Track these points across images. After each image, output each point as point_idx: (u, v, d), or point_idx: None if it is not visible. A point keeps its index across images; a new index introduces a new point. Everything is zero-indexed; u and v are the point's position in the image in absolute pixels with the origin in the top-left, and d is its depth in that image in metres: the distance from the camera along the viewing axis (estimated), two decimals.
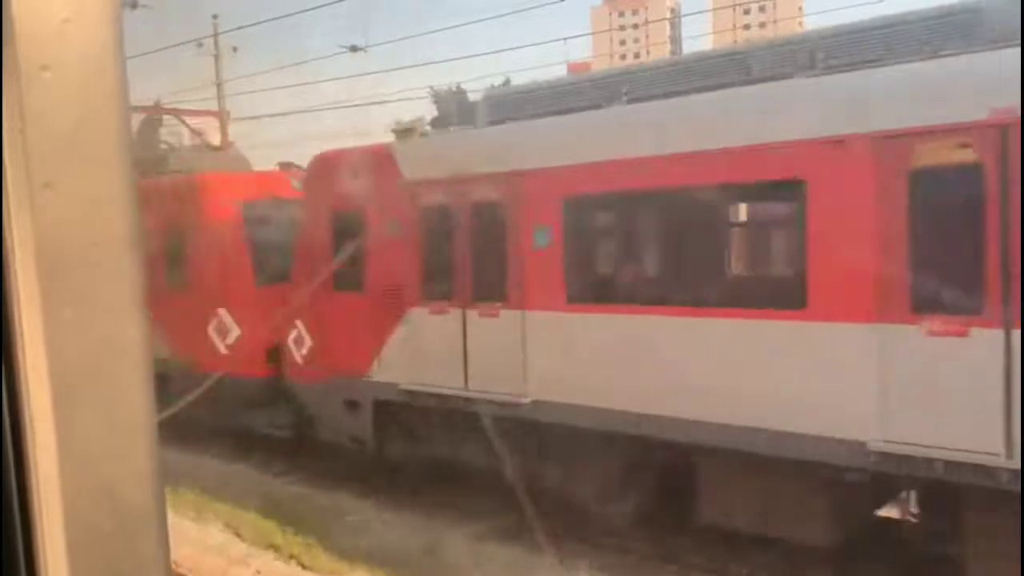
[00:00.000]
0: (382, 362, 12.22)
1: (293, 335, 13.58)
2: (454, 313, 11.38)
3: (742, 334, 8.95)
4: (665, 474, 10.08)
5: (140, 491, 1.13)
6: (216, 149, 21.51)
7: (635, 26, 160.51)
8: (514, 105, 11.63)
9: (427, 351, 11.67)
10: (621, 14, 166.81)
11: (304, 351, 13.47)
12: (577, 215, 10.34)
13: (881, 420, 8.10)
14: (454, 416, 11.53)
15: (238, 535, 10.81)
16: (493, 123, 11.74)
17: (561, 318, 10.36)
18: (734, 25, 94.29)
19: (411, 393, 11.85)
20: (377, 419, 12.46)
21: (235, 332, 14.49)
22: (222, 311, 14.58)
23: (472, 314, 11.22)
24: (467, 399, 11.20)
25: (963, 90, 7.84)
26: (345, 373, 12.64)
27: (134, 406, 1.12)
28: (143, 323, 1.13)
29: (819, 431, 8.45)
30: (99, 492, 1.11)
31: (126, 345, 1.12)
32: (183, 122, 23.31)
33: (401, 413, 12.24)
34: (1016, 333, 7.39)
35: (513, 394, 10.69)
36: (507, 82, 17.95)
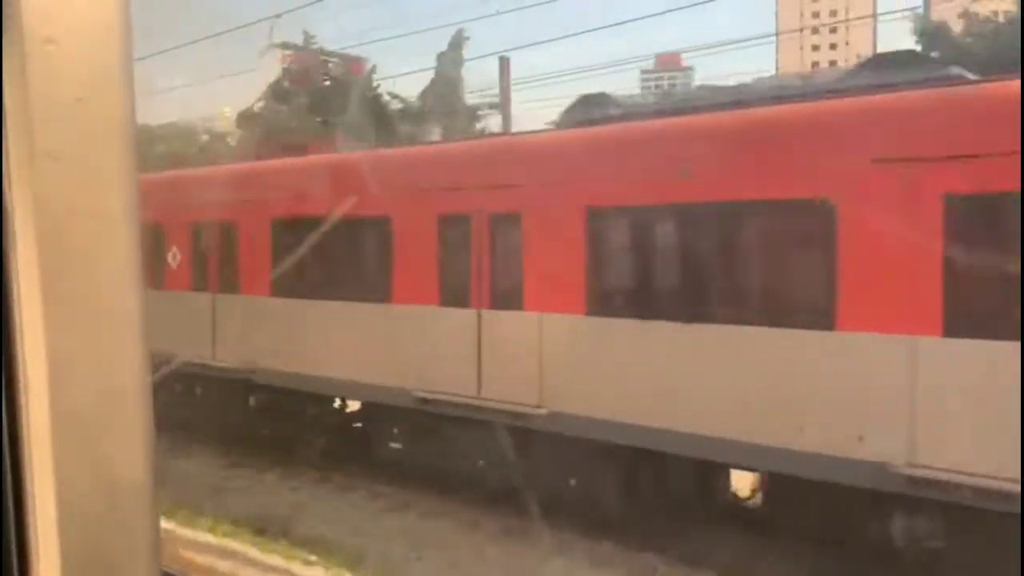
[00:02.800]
0: None
1: None
2: None
3: None
4: None
5: (132, 466, 1.12)
6: None
7: None
8: None
9: None
10: None
11: None
12: None
13: None
14: None
15: None
16: None
17: None
18: None
19: None
20: None
21: None
22: None
23: None
24: None
25: None
26: None
27: (129, 380, 1.12)
28: (140, 295, 1.13)
29: None
30: (92, 465, 1.11)
31: (123, 317, 1.12)
32: None
33: None
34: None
35: None
36: None
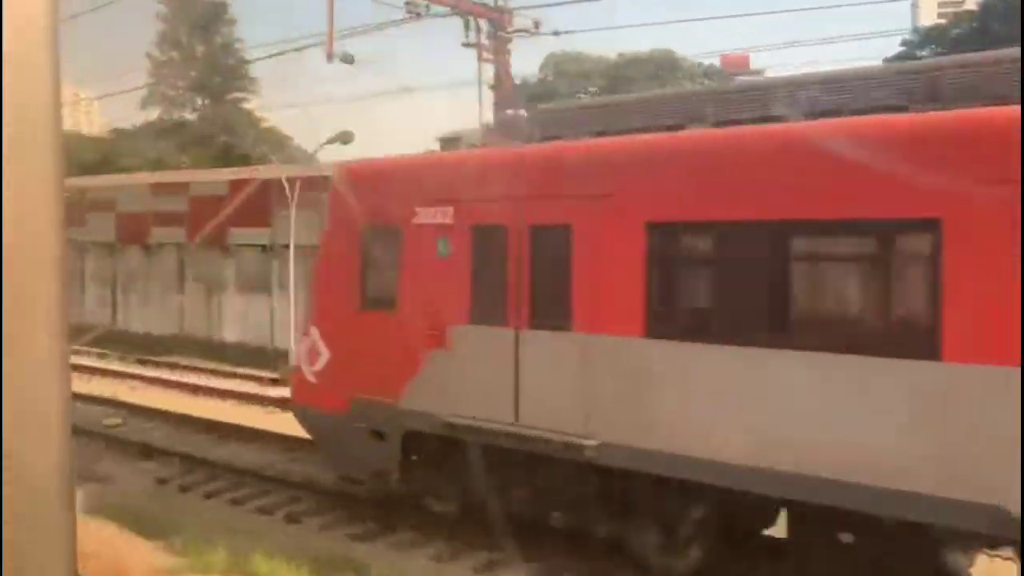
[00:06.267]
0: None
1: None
2: None
3: None
4: None
5: (49, 466, 1.15)
6: None
7: None
8: None
9: None
10: None
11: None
12: None
13: None
14: None
15: None
16: None
17: None
18: None
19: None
20: None
21: None
22: None
23: None
24: None
25: None
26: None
27: (48, 381, 1.15)
28: (62, 300, 1.17)
29: None
30: (9, 472, 1.12)
31: (43, 320, 1.16)
32: None
33: None
34: None
35: None
36: None
